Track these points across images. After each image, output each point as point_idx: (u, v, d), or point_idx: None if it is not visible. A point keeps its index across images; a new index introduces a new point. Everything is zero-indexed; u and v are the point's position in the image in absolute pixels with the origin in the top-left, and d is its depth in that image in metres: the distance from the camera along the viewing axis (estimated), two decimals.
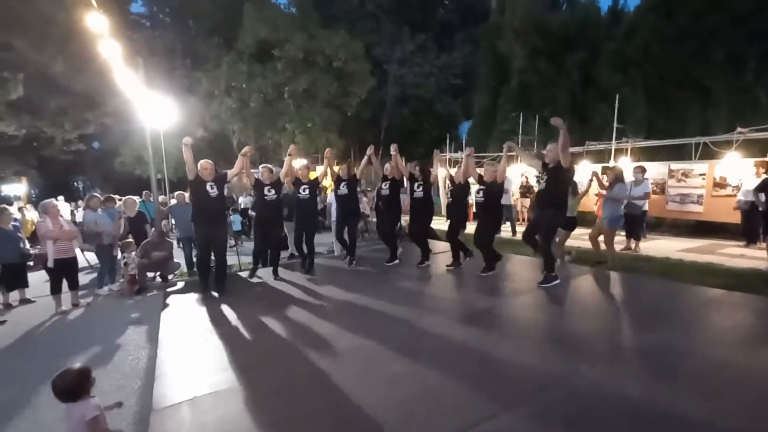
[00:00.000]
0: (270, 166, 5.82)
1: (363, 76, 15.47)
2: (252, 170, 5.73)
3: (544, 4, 19.17)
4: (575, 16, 14.65)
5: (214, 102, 14.69)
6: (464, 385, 2.68)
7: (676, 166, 8.71)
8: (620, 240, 7.61)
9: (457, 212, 6.12)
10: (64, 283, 5.08)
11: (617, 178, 5.80)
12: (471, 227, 5.92)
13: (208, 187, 5.02)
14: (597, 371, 2.79)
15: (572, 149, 10.78)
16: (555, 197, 4.73)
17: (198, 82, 15.17)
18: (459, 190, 5.99)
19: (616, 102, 9.37)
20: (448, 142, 14.25)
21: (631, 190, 7.18)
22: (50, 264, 4.97)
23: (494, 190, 5.36)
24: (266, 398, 2.62)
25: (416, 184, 5.95)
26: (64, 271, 5.12)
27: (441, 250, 6.92)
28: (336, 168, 6.41)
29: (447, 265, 5.90)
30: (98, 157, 21.19)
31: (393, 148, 6.05)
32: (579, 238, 6.81)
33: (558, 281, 4.83)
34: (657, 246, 7.44)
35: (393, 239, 6.45)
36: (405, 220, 7.14)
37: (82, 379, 1.87)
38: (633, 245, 7.13)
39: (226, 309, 4.51)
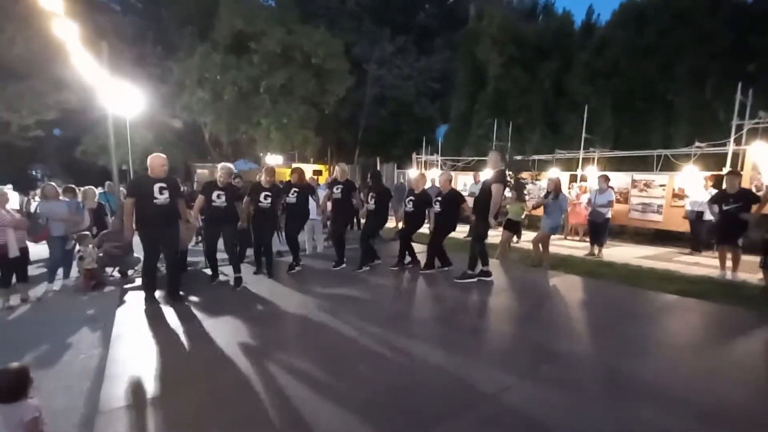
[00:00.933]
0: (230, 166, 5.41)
1: (341, 74, 15.33)
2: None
3: (521, 14, 19.69)
4: (551, 26, 15.09)
5: (185, 92, 14.19)
6: (416, 383, 2.69)
7: (639, 176, 9.12)
8: (584, 246, 7.91)
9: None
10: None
11: (557, 188, 6.12)
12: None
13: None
14: (545, 375, 2.87)
15: (542, 156, 11.15)
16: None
17: (169, 72, 14.63)
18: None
19: (585, 112, 9.73)
20: (424, 144, 14.38)
21: (595, 198, 7.46)
22: (14, 253, 4.63)
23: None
24: (216, 403, 2.53)
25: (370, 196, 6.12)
26: (15, 264, 4.81)
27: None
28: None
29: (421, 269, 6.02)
30: (59, 146, 20.06)
31: None
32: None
33: (474, 280, 5.28)
34: (619, 253, 7.75)
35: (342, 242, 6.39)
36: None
37: (20, 379, 1.76)
38: (596, 251, 7.39)
39: (185, 309, 4.35)
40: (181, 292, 4.76)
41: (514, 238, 8.95)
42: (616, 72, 11.85)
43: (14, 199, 12.32)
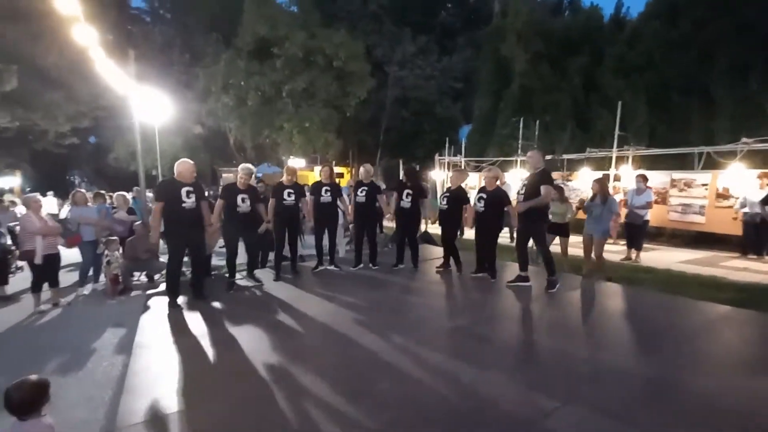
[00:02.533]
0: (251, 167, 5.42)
1: (363, 76, 15.27)
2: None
3: (546, 8, 19.12)
4: (578, 20, 14.54)
5: (211, 98, 14.47)
6: (445, 406, 2.50)
7: (678, 175, 8.58)
8: (621, 250, 7.48)
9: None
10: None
11: (605, 190, 5.53)
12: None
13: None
14: (589, 397, 2.61)
15: (572, 156, 10.69)
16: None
17: (196, 78, 14.96)
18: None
19: (618, 109, 9.22)
20: (447, 145, 14.10)
21: (632, 198, 7.04)
22: (39, 260, 4.75)
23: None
24: (233, 420, 2.41)
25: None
26: (47, 269, 4.92)
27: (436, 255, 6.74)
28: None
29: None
30: (93, 152, 20.96)
31: None
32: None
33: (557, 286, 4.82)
34: (658, 257, 7.28)
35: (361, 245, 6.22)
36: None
37: (35, 395, 1.66)
38: (634, 255, 6.97)
39: (208, 314, 4.30)
40: (205, 292, 4.81)
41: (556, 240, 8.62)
42: (650, 65, 11.23)
43: (53, 205, 12.87)
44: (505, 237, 7.07)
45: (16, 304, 5.07)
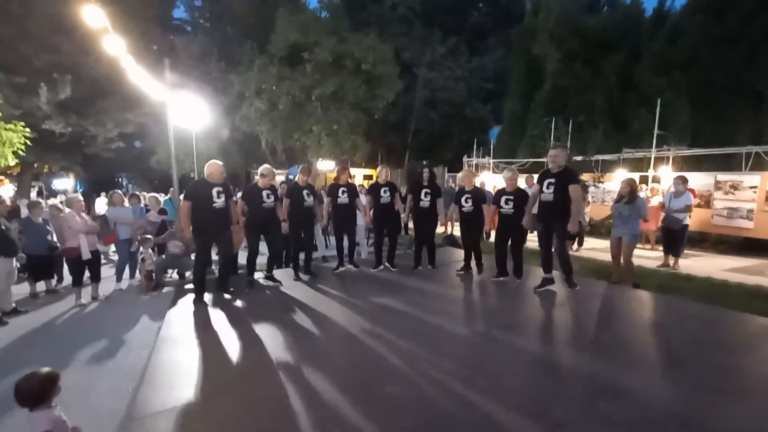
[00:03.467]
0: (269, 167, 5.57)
1: (391, 79, 15.31)
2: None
3: (580, 6, 18.46)
4: (615, 17, 13.95)
5: (245, 103, 15.00)
6: (452, 415, 2.45)
7: (723, 177, 8.03)
8: (658, 256, 7.08)
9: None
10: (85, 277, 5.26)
11: (633, 190, 5.28)
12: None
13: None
14: (605, 414, 2.49)
15: (607, 156, 10.25)
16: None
17: (230, 85, 15.55)
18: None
19: (658, 107, 8.76)
20: (475, 147, 13.91)
21: (670, 202, 6.65)
22: (87, 256, 5.11)
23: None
24: (248, 413, 2.49)
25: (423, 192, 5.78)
26: (87, 265, 5.29)
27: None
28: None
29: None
30: (139, 156, 22.20)
31: None
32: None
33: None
34: (699, 264, 6.84)
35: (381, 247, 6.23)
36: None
37: (43, 387, 1.73)
38: (672, 262, 6.58)
39: (232, 312, 4.45)
40: (231, 289, 5.02)
41: (575, 246, 8.29)
42: (693, 62, 10.61)
43: (104, 205, 13.81)
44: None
45: (59, 297, 5.47)
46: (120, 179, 30.58)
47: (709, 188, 8.15)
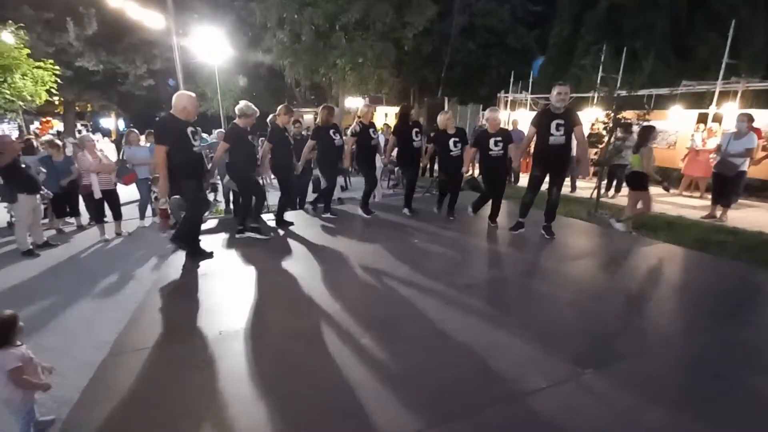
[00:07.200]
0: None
1: (424, 2, 13.85)
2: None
3: None
4: None
5: (268, 35, 14.31)
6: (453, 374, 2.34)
7: None
8: (704, 205, 6.39)
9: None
10: (108, 213, 5.51)
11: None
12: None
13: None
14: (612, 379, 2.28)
15: (660, 90, 8.95)
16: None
17: (252, 14, 14.78)
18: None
19: (731, 29, 7.35)
20: (512, 81, 12.65)
21: (729, 143, 5.81)
22: (98, 195, 5.31)
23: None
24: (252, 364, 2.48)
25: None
26: (107, 202, 5.50)
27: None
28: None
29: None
30: (172, 94, 22.46)
31: None
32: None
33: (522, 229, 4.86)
34: (751, 216, 6.10)
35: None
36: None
37: (3, 328, 1.80)
38: (718, 213, 5.90)
39: (239, 254, 4.32)
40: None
41: (612, 191, 7.64)
42: None
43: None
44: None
45: (88, 233, 5.80)
46: (158, 117, 31.39)
47: None
